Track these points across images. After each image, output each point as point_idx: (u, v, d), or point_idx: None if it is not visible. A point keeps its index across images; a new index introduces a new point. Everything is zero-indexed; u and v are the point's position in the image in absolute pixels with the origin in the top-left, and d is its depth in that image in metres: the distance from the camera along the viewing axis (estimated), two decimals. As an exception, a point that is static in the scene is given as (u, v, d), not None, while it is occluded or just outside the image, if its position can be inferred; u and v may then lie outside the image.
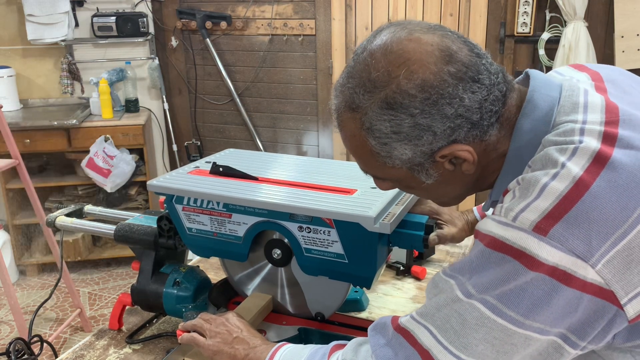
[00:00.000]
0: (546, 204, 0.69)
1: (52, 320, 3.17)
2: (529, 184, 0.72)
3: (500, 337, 0.71)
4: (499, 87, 0.79)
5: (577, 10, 2.96)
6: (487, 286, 0.71)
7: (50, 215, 1.40)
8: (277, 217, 1.08)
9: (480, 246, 0.74)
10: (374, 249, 1.02)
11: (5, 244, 3.44)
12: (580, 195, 0.68)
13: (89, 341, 1.27)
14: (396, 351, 0.80)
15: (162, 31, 3.85)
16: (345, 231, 1.02)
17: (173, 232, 1.22)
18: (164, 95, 3.85)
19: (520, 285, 0.69)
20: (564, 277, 0.67)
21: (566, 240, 0.67)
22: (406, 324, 0.81)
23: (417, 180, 0.84)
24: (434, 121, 0.76)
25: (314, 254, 1.06)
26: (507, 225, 0.71)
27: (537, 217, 0.69)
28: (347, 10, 3.60)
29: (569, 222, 0.68)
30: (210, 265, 1.64)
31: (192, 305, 1.23)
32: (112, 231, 1.30)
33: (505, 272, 0.70)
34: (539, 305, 0.69)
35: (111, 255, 3.70)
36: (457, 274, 0.76)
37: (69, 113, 3.58)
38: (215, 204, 1.12)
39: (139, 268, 1.28)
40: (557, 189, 0.69)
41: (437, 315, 0.76)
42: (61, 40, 3.60)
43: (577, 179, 0.69)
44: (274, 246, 1.12)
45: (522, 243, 0.69)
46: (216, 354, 1.03)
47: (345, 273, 1.05)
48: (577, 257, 0.67)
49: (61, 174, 3.67)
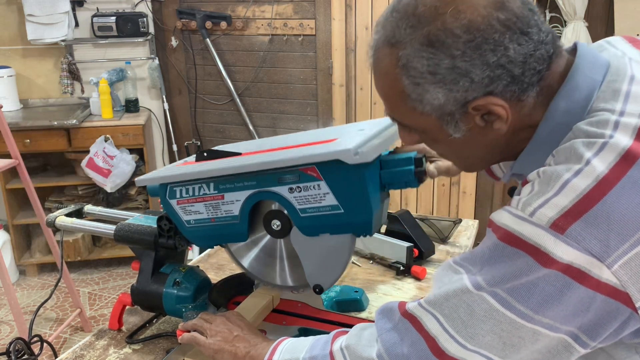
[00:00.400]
0: (566, 201, 0.67)
1: (52, 320, 3.17)
2: (549, 179, 0.70)
3: (508, 329, 0.71)
4: (546, 47, 0.75)
5: (577, 10, 2.96)
6: (498, 280, 0.70)
7: (50, 215, 1.40)
8: (266, 184, 1.07)
9: (494, 238, 0.72)
10: (364, 188, 1.00)
11: (5, 244, 3.44)
12: (603, 194, 0.66)
13: (89, 341, 1.27)
14: (402, 336, 0.80)
15: (162, 31, 3.85)
16: (332, 176, 1.01)
17: (173, 232, 1.22)
18: (164, 95, 3.85)
19: (531, 281, 0.68)
20: (577, 275, 0.66)
21: (583, 240, 0.66)
22: (414, 310, 0.80)
23: (444, 133, 0.80)
24: (474, 66, 0.73)
25: (309, 213, 1.05)
26: (523, 219, 0.69)
27: (555, 214, 0.67)
28: (347, 10, 3.60)
29: (587, 221, 0.66)
30: (210, 265, 1.64)
31: (192, 305, 1.23)
32: (112, 231, 1.30)
33: (518, 267, 0.69)
34: (550, 301, 0.68)
35: (111, 255, 3.70)
36: (468, 264, 0.75)
37: (69, 113, 3.58)
38: (205, 187, 1.12)
39: (139, 268, 1.28)
40: (579, 186, 0.67)
41: (445, 304, 0.75)
42: (61, 40, 3.60)
43: (601, 178, 0.67)
44: (272, 217, 1.11)
45: (537, 239, 0.68)
46: (217, 352, 1.03)
47: (344, 223, 1.03)
48: (593, 256, 0.66)
49: (61, 174, 3.67)
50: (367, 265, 1.61)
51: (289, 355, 0.93)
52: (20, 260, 3.61)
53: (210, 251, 1.73)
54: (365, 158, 0.95)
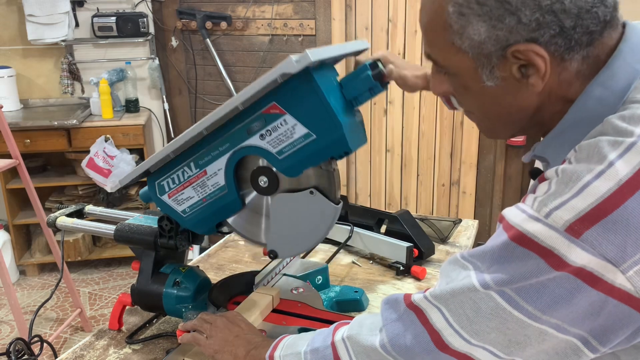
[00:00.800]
0: (584, 204, 0.64)
1: (52, 320, 3.17)
2: (569, 179, 0.66)
3: (514, 328, 0.69)
4: (606, 10, 0.71)
5: (577, 10, 2.96)
6: (506, 280, 0.68)
7: (51, 215, 1.41)
8: (237, 140, 1.07)
9: (505, 237, 0.69)
10: (323, 98, 1.00)
11: (5, 244, 3.44)
12: (625, 199, 0.63)
13: (89, 341, 1.27)
14: (406, 327, 0.79)
15: (162, 31, 3.85)
16: (292, 102, 1.01)
17: (174, 232, 1.22)
18: (164, 96, 3.85)
19: (541, 282, 0.66)
20: (590, 279, 0.64)
21: (599, 245, 0.63)
22: (419, 303, 0.79)
23: (477, 79, 0.76)
24: (525, 6, 0.69)
25: (286, 152, 1.05)
26: (537, 220, 0.66)
27: (572, 217, 0.64)
28: (347, 10, 3.60)
29: (606, 226, 0.63)
30: (210, 265, 1.64)
31: (192, 305, 1.24)
32: (112, 231, 1.30)
33: (528, 268, 0.67)
34: (559, 303, 0.66)
35: (111, 255, 3.71)
36: (477, 261, 0.73)
37: (69, 113, 3.58)
38: (187, 169, 1.14)
39: (139, 268, 1.28)
40: (600, 190, 0.64)
41: (451, 300, 0.74)
42: (61, 40, 3.60)
43: (624, 182, 0.63)
44: (258, 175, 1.11)
45: (551, 242, 0.65)
46: (217, 352, 1.03)
47: (321, 149, 1.03)
48: (608, 261, 0.63)
49: (61, 174, 3.67)
50: (367, 265, 1.61)
51: (290, 350, 0.93)
52: (20, 260, 3.61)
53: (210, 251, 1.74)
54: (307, 59, 0.95)
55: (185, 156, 1.14)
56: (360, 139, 1.09)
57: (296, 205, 1.09)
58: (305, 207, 1.09)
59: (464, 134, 3.68)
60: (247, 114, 1.05)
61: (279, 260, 1.40)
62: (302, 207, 1.09)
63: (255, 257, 1.69)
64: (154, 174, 1.19)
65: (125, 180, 1.19)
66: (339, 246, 1.67)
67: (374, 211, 1.73)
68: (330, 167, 1.06)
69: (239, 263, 1.66)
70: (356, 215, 1.73)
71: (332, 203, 1.07)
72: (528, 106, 0.77)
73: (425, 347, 0.77)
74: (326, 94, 1.00)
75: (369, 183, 3.99)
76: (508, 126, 0.82)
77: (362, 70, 1.05)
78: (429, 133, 3.78)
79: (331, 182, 1.07)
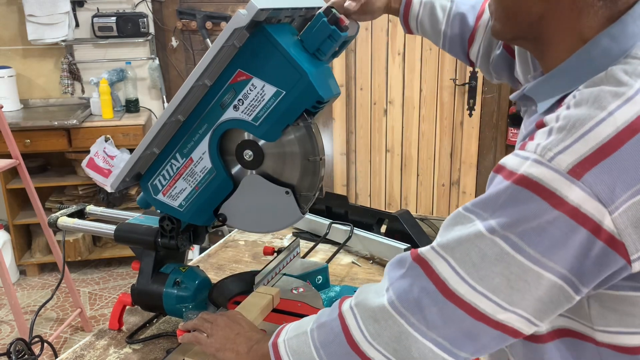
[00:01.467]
0: (585, 148, 0.68)
1: (52, 320, 3.17)
2: (572, 125, 0.70)
3: (517, 272, 0.72)
4: None
5: (577, 10, 2.96)
6: (511, 223, 0.71)
7: (52, 215, 1.41)
8: (213, 118, 1.09)
9: (508, 183, 0.72)
10: (283, 52, 1.01)
11: (5, 244, 3.44)
12: (621, 144, 0.68)
13: (89, 341, 1.27)
14: (413, 281, 0.80)
15: (162, 31, 3.85)
16: (255, 64, 1.03)
17: (175, 232, 1.22)
18: (164, 96, 3.85)
19: (542, 224, 0.70)
20: (582, 219, 0.68)
21: (595, 185, 0.68)
22: (426, 254, 0.80)
23: None
24: None
25: (261, 116, 1.06)
26: (542, 164, 0.70)
27: (574, 160, 0.69)
28: (347, 10, 3.60)
29: (602, 168, 0.68)
30: (210, 265, 1.64)
31: (192, 305, 1.24)
32: (112, 231, 1.30)
33: (532, 210, 0.70)
34: (556, 245, 0.70)
35: (111, 255, 3.71)
36: (480, 210, 0.75)
37: (69, 113, 3.58)
38: (174, 161, 1.15)
39: (139, 268, 1.28)
40: (600, 135, 0.68)
41: (457, 248, 0.76)
42: (61, 40, 3.61)
43: (621, 129, 0.68)
44: (243, 149, 1.13)
45: (554, 184, 0.69)
46: (219, 350, 1.03)
47: (293, 103, 1.04)
48: (599, 202, 0.68)
49: (61, 174, 3.67)
50: (367, 265, 1.61)
51: (295, 332, 0.92)
52: (20, 260, 3.61)
53: (210, 251, 1.74)
54: (254, 9, 0.96)
55: (169, 149, 1.15)
56: (332, 87, 1.10)
57: (268, 193, 1.12)
58: (274, 200, 1.12)
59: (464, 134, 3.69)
60: (216, 88, 1.07)
61: (279, 260, 1.41)
62: (272, 198, 1.12)
63: (255, 257, 1.69)
64: (144, 176, 1.20)
65: (115, 183, 1.20)
66: (339, 246, 1.67)
67: (374, 211, 1.74)
68: (307, 122, 1.08)
69: (239, 263, 1.66)
70: (356, 215, 1.74)
71: (299, 211, 1.11)
72: (532, 10, 0.79)
73: (432, 298, 0.78)
74: (285, 46, 1.02)
75: (369, 183, 3.99)
76: (511, 23, 0.84)
77: (317, 19, 1.06)
78: (429, 133, 3.79)
79: (311, 135, 1.09)
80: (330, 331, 0.87)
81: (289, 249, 1.47)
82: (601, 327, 0.79)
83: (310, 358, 0.87)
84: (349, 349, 0.84)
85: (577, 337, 0.82)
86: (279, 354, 0.91)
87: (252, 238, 1.82)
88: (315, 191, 1.12)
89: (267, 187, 1.12)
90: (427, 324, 0.78)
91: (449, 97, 3.69)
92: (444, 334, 0.78)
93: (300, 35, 1.07)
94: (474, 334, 0.77)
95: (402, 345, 0.80)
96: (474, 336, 0.77)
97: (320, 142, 1.11)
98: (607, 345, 0.80)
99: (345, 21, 1.08)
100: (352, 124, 3.89)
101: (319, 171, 1.11)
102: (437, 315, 0.77)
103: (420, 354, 0.79)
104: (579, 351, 0.82)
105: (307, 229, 1.81)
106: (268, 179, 1.13)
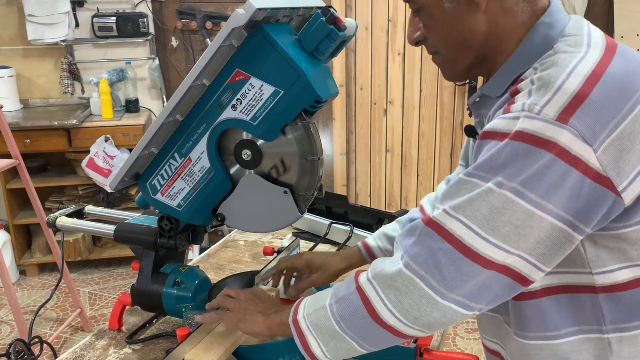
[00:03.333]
0: (564, 98, 0.77)
1: (52, 320, 3.17)
2: (547, 82, 0.80)
3: (522, 218, 0.78)
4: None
5: (576, 10, 2.96)
6: (515, 175, 0.78)
7: (51, 215, 1.41)
8: (212, 118, 1.09)
9: (504, 142, 0.79)
10: (281, 52, 1.01)
11: (5, 244, 3.44)
12: (591, 89, 0.78)
13: (89, 341, 1.27)
14: (427, 244, 0.84)
15: (162, 31, 3.85)
16: (253, 63, 1.03)
17: (174, 231, 1.22)
18: (164, 96, 3.85)
19: (540, 169, 0.77)
20: (573, 161, 0.76)
21: (580, 126, 0.76)
22: (438, 217, 0.84)
23: (439, 7, 0.89)
24: None
25: (260, 116, 1.06)
26: (532, 118, 0.78)
27: (558, 108, 0.77)
28: (347, 10, 3.60)
29: (582, 111, 0.77)
30: (210, 265, 1.64)
31: (191, 305, 1.24)
32: (112, 231, 1.30)
33: (531, 159, 0.77)
34: (554, 187, 0.77)
35: (111, 255, 3.71)
36: (484, 173, 0.81)
37: (69, 113, 3.58)
38: (173, 161, 1.15)
39: (139, 268, 1.28)
40: (572, 84, 0.78)
41: (469, 207, 0.81)
42: (61, 40, 3.60)
43: (587, 77, 0.79)
44: (241, 149, 1.13)
45: (546, 132, 0.77)
46: (240, 321, 1.05)
47: (291, 101, 1.04)
48: (585, 141, 0.76)
49: (61, 174, 3.67)
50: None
51: (313, 307, 0.95)
52: (20, 260, 3.61)
53: (210, 251, 1.74)
54: (252, 8, 0.96)
55: (167, 149, 1.15)
56: (330, 87, 1.10)
57: (266, 193, 1.12)
58: (272, 200, 1.12)
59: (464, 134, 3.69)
60: (215, 88, 1.07)
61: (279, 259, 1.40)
62: (270, 198, 1.12)
63: (255, 257, 1.69)
64: (143, 176, 1.20)
65: (114, 183, 1.19)
66: (338, 246, 1.67)
67: (374, 211, 1.73)
68: (305, 121, 1.08)
69: (239, 263, 1.66)
70: (356, 215, 1.74)
71: (298, 210, 1.11)
72: (478, 31, 0.89)
73: (449, 257, 0.82)
74: (283, 45, 1.02)
75: (369, 183, 3.99)
76: (464, 53, 0.93)
77: (315, 19, 1.06)
78: (429, 133, 3.78)
79: (309, 135, 1.09)
80: (350, 304, 0.90)
81: (289, 249, 1.46)
82: (598, 269, 0.86)
83: (332, 330, 0.91)
84: (370, 319, 0.87)
85: (577, 291, 0.88)
86: (300, 330, 0.94)
87: (252, 238, 1.82)
88: (314, 191, 1.12)
89: (266, 186, 1.12)
90: (447, 285, 0.82)
91: (449, 97, 3.69)
92: (463, 292, 0.82)
93: (298, 35, 1.07)
94: (487, 284, 0.82)
95: (422, 310, 0.84)
96: (488, 287, 0.82)
97: (318, 141, 1.11)
98: (605, 288, 0.87)
99: (343, 21, 1.08)
100: (352, 123, 3.89)
101: (317, 171, 1.11)
102: (455, 274, 0.81)
103: (442, 315, 0.83)
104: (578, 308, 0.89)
105: (307, 229, 1.81)
106: (266, 178, 1.13)
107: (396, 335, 0.88)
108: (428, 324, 0.85)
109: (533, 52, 0.87)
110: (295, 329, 0.95)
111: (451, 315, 0.84)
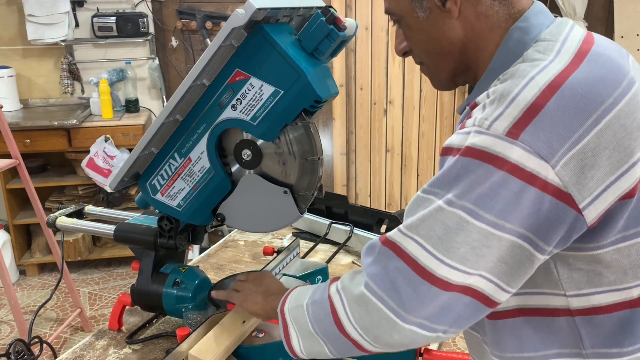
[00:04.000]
0: (516, 111, 0.74)
1: (52, 320, 3.17)
2: (500, 95, 0.77)
3: (478, 239, 0.76)
4: None
5: (576, 10, 2.96)
6: (465, 192, 0.76)
7: (50, 215, 1.41)
8: (212, 118, 1.10)
9: (455, 158, 0.78)
10: (280, 51, 1.02)
11: (5, 244, 3.44)
12: (546, 101, 0.74)
13: (89, 341, 1.27)
14: (385, 263, 0.83)
15: (162, 31, 3.85)
16: (253, 63, 1.03)
17: (174, 231, 1.22)
18: (164, 96, 3.85)
19: (492, 187, 0.74)
20: (529, 178, 0.73)
21: (533, 142, 0.73)
22: (394, 237, 0.83)
23: (413, 14, 0.89)
24: None
25: (260, 116, 1.07)
26: (481, 133, 0.76)
27: (509, 123, 0.74)
28: (347, 10, 3.61)
29: (535, 125, 0.73)
30: (210, 265, 1.64)
31: (191, 305, 1.24)
32: (112, 231, 1.30)
33: (480, 175, 0.75)
34: (510, 206, 0.74)
35: (111, 255, 3.71)
36: (436, 189, 0.80)
37: (69, 113, 3.58)
38: (173, 161, 1.16)
39: (139, 268, 1.28)
40: (526, 97, 0.75)
41: (421, 226, 0.79)
42: (61, 40, 3.60)
43: (544, 88, 0.75)
44: (241, 149, 1.13)
45: (495, 148, 0.74)
46: (243, 302, 1.12)
47: (291, 101, 1.04)
48: (541, 158, 0.73)
49: (61, 174, 3.67)
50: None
51: (296, 302, 0.98)
52: (20, 260, 3.61)
53: (210, 251, 1.74)
54: (252, 8, 0.96)
55: (167, 149, 1.15)
56: (330, 87, 1.10)
57: (266, 193, 1.13)
58: (271, 200, 1.12)
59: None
60: (214, 88, 1.08)
61: (279, 260, 1.40)
62: (270, 198, 1.12)
63: (255, 257, 1.69)
64: (143, 176, 1.20)
65: (114, 183, 1.19)
66: (338, 246, 1.67)
67: (374, 211, 1.73)
68: (305, 121, 1.08)
69: (239, 263, 1.66)
70: (356, 215, 1.74)
71: (298, 210, 1.12)
72: (455, 38, 0.88)
73: (406, 278, 0.80)
74: (283, 45, 1.02)
75: (369, 183, 3.99)
76: (445, 61, 0.92)
77: (315, 19, 1.06)
78: (429, 133, 3.79)
79: (309, 135, 1.09)
80: (322, 309, 0.92)
81: (288, 249, 1.47)
82: (572, 292, 0.82)
83: (308, 330, 0.93)
84: (336, 328, 0.89)
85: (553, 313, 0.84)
86: (285, 321, 0.97)
87: (252, 238, 1.82)
88: (314, 191, 1.12)
89: (266, 186, 1.12)
90: (405, 307, 0.81)
91: (449, 97, 3.69)
92: (423, 314, 0.80)
93: (298, 35, 1.07)
94: (447, 306, 0.79)
95: (382, 331, 0.83)
96: (449, 308, 0.79)
97: (318, 141, 1.11)
98: (582, 311, 0.83)
99: (343, 21, 1.09)
100: (352, 124, 3.89)
101: (317, 171, 1.11)
102: (413, 296, 0.80)
103: (401, 336, 0.82)
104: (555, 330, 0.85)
105: (307, 229, 1.81)
106: (266, 178, 1.13)
107: (359, 348, 0.88)
108: (389, 344, 0.84)
109: (508, 59, 0.84)
110: (281, 318, 0.99)
111: (412, 337, 0.82)
